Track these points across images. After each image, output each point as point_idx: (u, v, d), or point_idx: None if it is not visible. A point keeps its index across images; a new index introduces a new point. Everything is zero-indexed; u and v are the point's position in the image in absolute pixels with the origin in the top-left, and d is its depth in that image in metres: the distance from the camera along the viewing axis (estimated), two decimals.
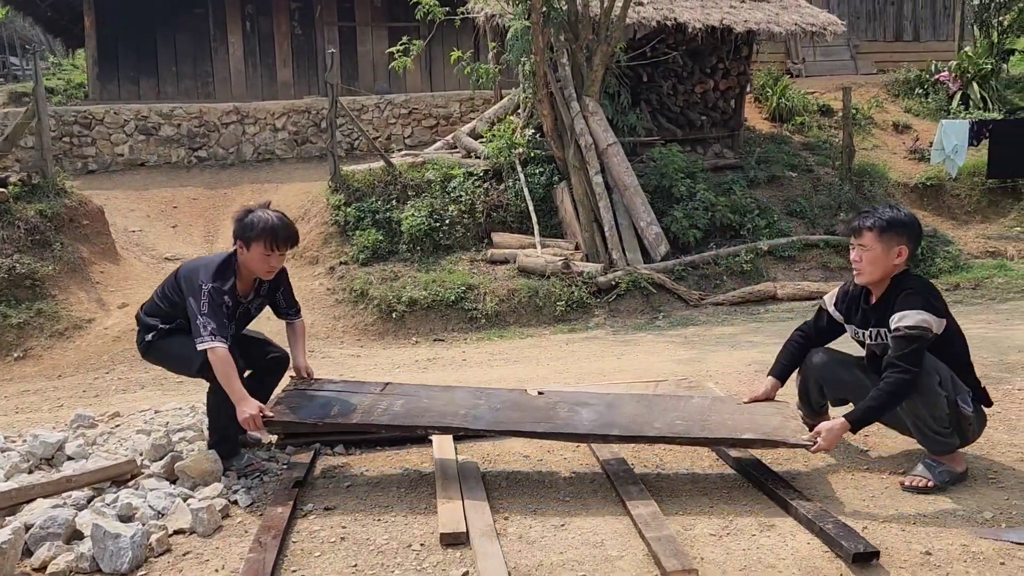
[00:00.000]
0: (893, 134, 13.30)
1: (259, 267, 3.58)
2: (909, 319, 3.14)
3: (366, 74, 16.59)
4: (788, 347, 3.72)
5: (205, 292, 3.44)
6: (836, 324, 3.60)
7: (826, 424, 3.19)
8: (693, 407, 3.56)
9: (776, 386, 3.66)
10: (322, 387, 3.74)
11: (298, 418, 3.43)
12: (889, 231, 3.22)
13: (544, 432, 3.33)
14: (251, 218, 3.53)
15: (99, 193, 10.71)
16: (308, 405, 3.53)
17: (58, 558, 2.82)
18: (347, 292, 8.54)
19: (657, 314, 8.40)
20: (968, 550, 2.74)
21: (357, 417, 3.40)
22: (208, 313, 3.42)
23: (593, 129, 9.74)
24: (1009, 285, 8.63)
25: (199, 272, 3.54)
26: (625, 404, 3.56)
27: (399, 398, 3.58)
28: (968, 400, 3.25)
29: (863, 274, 3.33)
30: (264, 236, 3.48)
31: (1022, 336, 5.74)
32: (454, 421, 3.37)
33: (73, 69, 20.00)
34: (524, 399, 3.59)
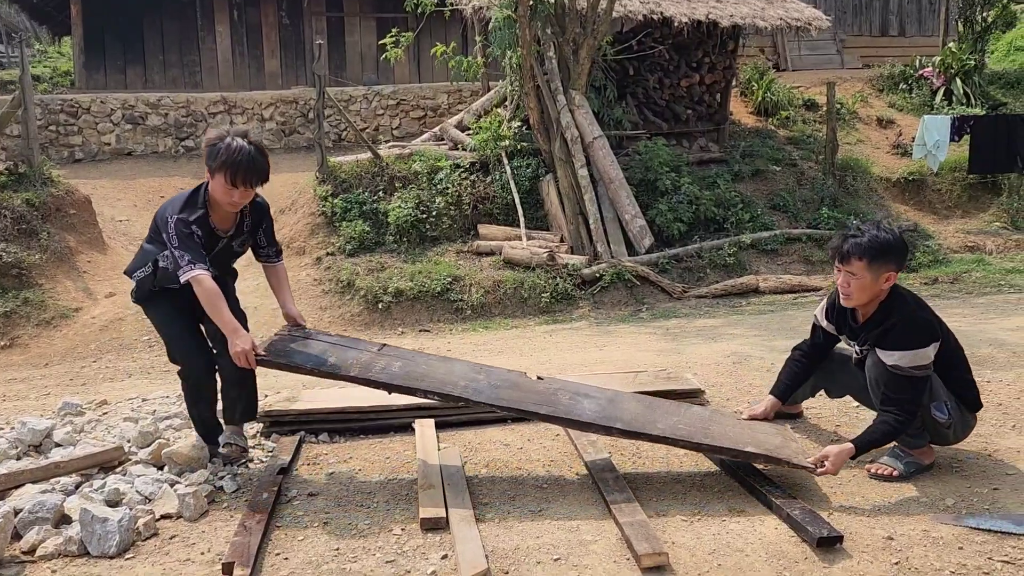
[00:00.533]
0: (877, 129, 13.43)
1: (222, 199, 3.34)
2: (906, 360, 3.14)
3: (354, 65, 16.60)
4: (789, 367, 3.72)
5: (171, 225, 3.30)
6: (831, 335, 3.61)
7: (833, 448, 3.17)
8: (694, 414, 3.55)
9: (776, 405, 3.66)
10: (316, 337, 3.60)
11: (293, 362, 3.32)
12: (879, 259, 3.16)
13: (545, 415, 3.29)
14: (218, 145, 3.27)
15: (86, 182, 10.71)
16: (303, 351, 3.41)
17: (47, 541, 2.89)
18: (334, 283, 8.60)
19: (640, 306, 8.50)
20: (928, 535, 2.85)
21: (355, 371, 3.28)
22: (179, 245, 3.28)
23: (579, 122, 9.82)
24: (986, 279, 8.77)
25: (167, 207, 3.40)
26: (626, 401, 3.55)
27: (397, 360, 3.48)
28: (943, 408, 3.28)
29: (851, 299, 3.28)
30: (225, 168, 3.24)
31: (994, 330, 5.87)
32: (454, 390, 3.29)
33: (59, 57, 19.89)
34: (524, 381, 3.54)
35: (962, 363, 3.42)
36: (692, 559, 2.74)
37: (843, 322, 3.50)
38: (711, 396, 4.50)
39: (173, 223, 3.29)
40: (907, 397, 3.17)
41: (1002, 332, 5.81)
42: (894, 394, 3.18)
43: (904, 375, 3.16)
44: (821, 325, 3.61)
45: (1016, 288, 8.31)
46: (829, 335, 3.60)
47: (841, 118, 12.85)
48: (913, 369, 3.16)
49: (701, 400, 4.42)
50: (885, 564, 2.67)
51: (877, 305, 3.30)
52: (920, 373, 3.17)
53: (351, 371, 3.28)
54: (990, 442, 3.68)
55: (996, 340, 5.52)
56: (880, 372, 3.24)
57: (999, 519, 2.93)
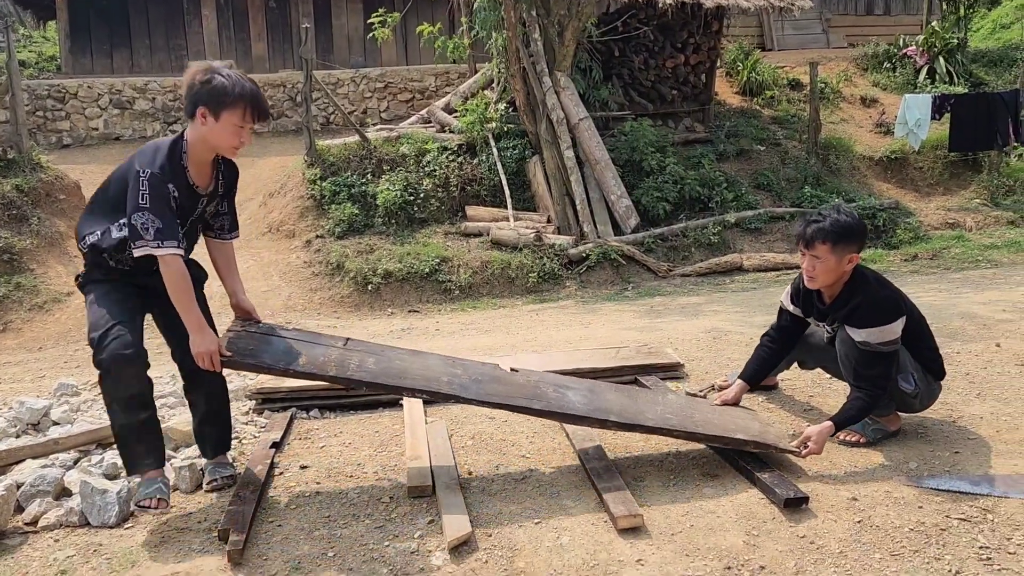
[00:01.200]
0: (861, 108, 13.55)
1: (227, 142, 2.91)
2: (875, 337, 3.26)
3: (341, 48, 16.60)
4: (758, 352, 3.79)
5: (144, 179, 2.76)
6: (798, 319, 3.71)
7: (814, 429, 3.25)
8: (673, 402, 3.55)
9: (744, 389, 3.73)
10: (274, 331, 3.26)
11: (263, 362, 3.00)
12: (841, 241, 3.27)
13: (540, 410, 3.17)
14: (221, 80, 2.83)
15: (74, 167, 10.76)
16: (269, 349, 3.09)
17: (48, 513, 3.01)
18: (323, 265, 8.70)
19: (626, 285, 8.63)
20: (890, 496, 3.00)
21: (332, 370, 3.04)
22: (149, 207, 2.74)
23: (565, 104, 9.91)
24: (965, 255, 8.94)
25: (137, 159, 2.86)
26: (606, 391, 3.50)
27: (368, 355, 3.26)
28: (910, 379, 3.43)
29: (816, 281, 3.38)
30: (243, 101, 2.84)
31: (967, 304, 6.02)
32: (441, 387, 3.12)
33: (44, 41, 19.79)
34: (501, 374, 3.42)
35: (926, 334, 3.55)
36: (666, 520, 2.89)
37: (810, 305, 3.60)
38: (690, 370, 4.65)
39: (146, 178, 2.76)
40: (877, 372, 3.31)
41: (974, 305, 5.97)
42: (865, 370, 3.32)
43: (873, 351, 3.29)
44: (788, 309, 3.71)
45: (993, 263, 8.48)
46: (796, 318, 3.69)
47: (825, 97, 12.97)
48: (881, 345, 3.29)
49: (680, 373, 4.58)
50: (848, 523, 2.82)
51: (842, 286, 3.41)
52: (888, 349, 3.30)
53: (328, 370, 3.03)
54: (955, 409, 3.84)
55: (968, 313, 5.68)
56: (850, 349, 3.37)
57: (957, 480, 3.09)
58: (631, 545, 2.73)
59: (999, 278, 7.53)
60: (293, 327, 3.94)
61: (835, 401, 3.96)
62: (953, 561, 2.58)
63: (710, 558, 2.64)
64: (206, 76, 2.85)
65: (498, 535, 2.82)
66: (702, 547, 2.71)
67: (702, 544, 2.73)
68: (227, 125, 2.86)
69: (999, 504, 2.91)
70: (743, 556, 2.65)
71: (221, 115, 2.85)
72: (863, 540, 2.71)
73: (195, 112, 2.87)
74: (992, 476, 3.11)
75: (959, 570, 2.53)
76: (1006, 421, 3.67)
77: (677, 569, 2.59)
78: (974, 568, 2.54)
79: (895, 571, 2.53)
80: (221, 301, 3.50)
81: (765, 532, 2.79)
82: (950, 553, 2.62)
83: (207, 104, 2.84)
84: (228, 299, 3.31)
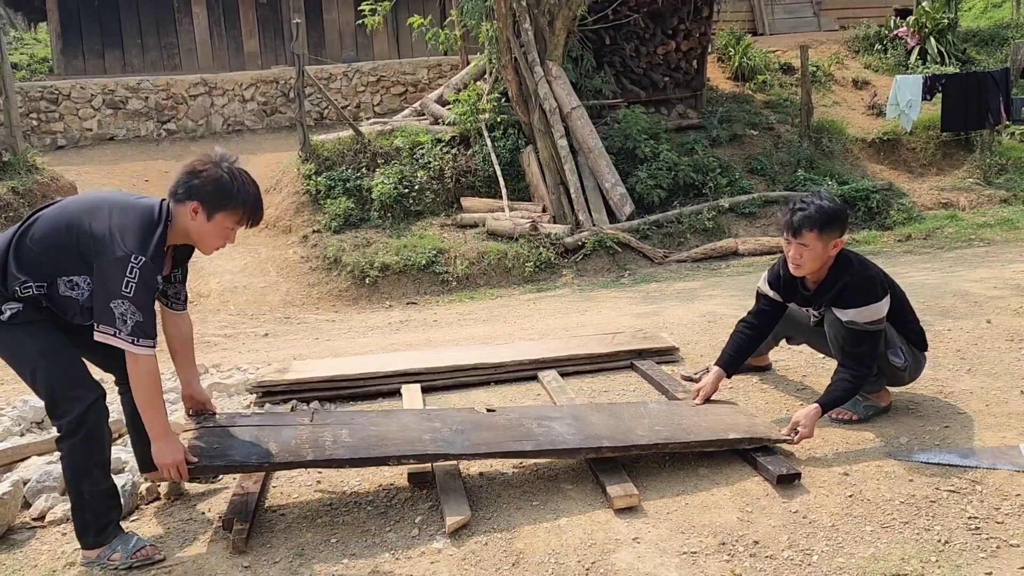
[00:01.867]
0: (852, 90, 13.56)
1: (211, 242, 2.73)
2: (862, 316, 3.30)
3: (333, 43, 16.58)
4: (734, 339, 3.75)
5: (135, 267, 2.50)
6: (777, 303, 3.69)
7: (801, 414, 3.25)
8: (657, 411, 3.49)
9: (721, 375, 3.67)
10: (234, 421, 3.10)
11: (234, 461, 2.80)
12: (827, 228, 3.28)
13: (533, 450, 3.05)
14: (224, 179, 2.66)
15: (70, 168, 10.78)
16: (235, 444, 2.91)
17: (55, 508, 3.07)
18: (320, 260, 8.74)
19: (622, 272, 8.68)
20: (881, 470, 3.06)
21: (309, 454, 2.86)
22: (133, 297, 2.49)
23: (557, 93, 9.92)
24: (958, 235, 8.98)
25: (125, 233, 2.54)
26: (589, 414, 3.41)
27: (340, 427, 3.10)
28: (899, 352, 3.49)
29: (803, 268, 3.38)
30: (243, 207, 2.69)
31: (959, 283, 6.07)
32: (427, 448, 2.97)
33: (35, 43, 19.75)
34: (480, 417, 3.31)
35: (908, 309, 3.61)
36: (661, 499, 2.95)
37: (792, 291, 3.61)
38: (685, 353, 4.71)
39: (138, 266, 2.50)
40: (863, 351, 3.35)
41: (966, 283, 6.02)
42: (852, 348, 3.36)
43: (860, 330, 3.34)
44: (767, 294, 3.70)
45: (986, 242, 8.53)
46: (776, 303, 3.69)
47: (817, 80, 12.99)
48: (868, 324, 3.33)
49: (676, 357, 4.63)
50: (840, 497, 2.88)
51: (827, 271, 3.43)
52: (874, 328, 3.34)
53: (305, 455, 2.85)
54: (946, 385, 3.90)
55: (960, 291, 5.73)
56: (838, 329, 3.41)
57: (947, 453, 3.15)
58: (627, 524, 2.79)
59: (991, 256, 7.58)
60: (254, 412, 3.47)
61: (825, 379, 3.99)
62: (943, 531, 2.64)
63: (705, 534, 2.70)
64: (208, 171, 2.66)
65: (497, 518, 2.88)
66: (697, 524, 2.77)
67: (697, 521, 2.79)
68: (218, 227, 2.69)
69: (988, 475, 2.96)
70: (737, 532, 2.70)
71: (215, 216, 2.66)
72: (855, 513, 2.77)
73: (185, 202, 2.65)
74: (981, 448, 3.17)
75: (948, 540, 2.59)
76: (995, 395, 3.72)
77: (673, 546, 2.65)
78: (963, 537, 2.60)
79: (886, 542, 2.59)
80: (220, 298, 3.53)
81: (759, 508, 2.85)
82: (940, 524, 2.68)
83: (203, 201, 2.64)
84: (182, 386, 3.07)
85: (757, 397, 3.95)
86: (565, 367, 4.48)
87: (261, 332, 6.83)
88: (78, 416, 2.60)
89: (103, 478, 2.68)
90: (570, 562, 2.59)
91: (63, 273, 2.61)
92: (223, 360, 5.43)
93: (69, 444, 2.63)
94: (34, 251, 2.60)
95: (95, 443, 2.65)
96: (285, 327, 7.14)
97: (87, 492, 2.65)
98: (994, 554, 2.50)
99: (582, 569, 2.54)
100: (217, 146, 2.82)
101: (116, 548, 2.68)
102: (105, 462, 2.70)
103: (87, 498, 2.65)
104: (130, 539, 2.71)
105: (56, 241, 2.59)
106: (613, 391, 4.18)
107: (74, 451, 2.63)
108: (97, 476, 2.65)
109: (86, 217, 2.60)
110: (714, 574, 2.48)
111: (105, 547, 2.68)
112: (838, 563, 2.50)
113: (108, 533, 2.70)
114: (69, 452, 2.64)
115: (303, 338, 6.49)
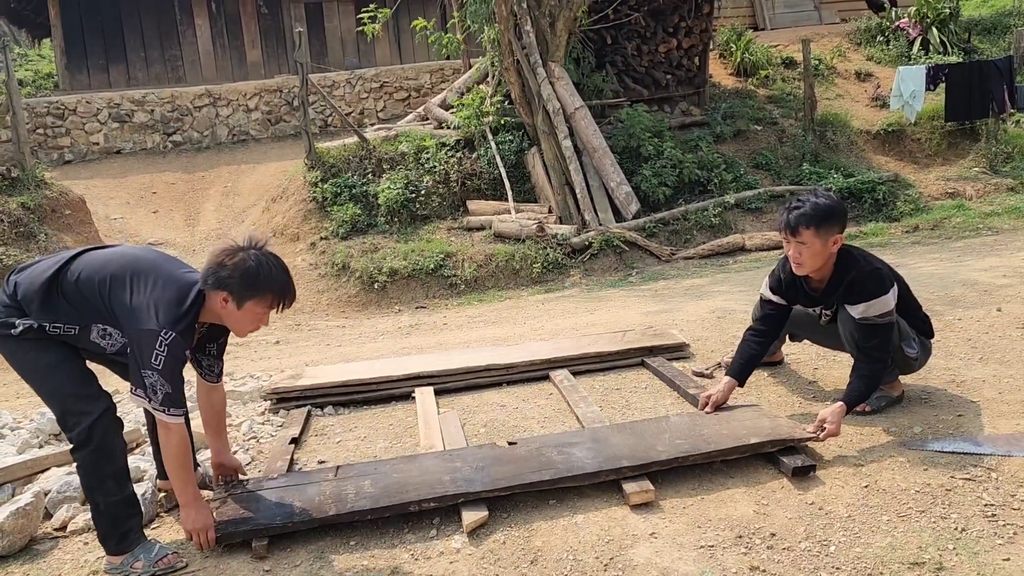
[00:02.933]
0: (855, 83, 13.55)
1: (244, 328, 2.78)
2: (873, 310, 3.30)
3: (335, 50, 16.65)
4: (744, 348, 3.70)
5: (164, 342, 2.57)
6: (782, 307, 3.67)
7: (827, 411, 3.22)
8: (678, 424, 3.43)
9: (733, 385, 3.61)
10: (260, 484, 3.12)
11: (259, 524, 2.81)
12: (824, 224, 3.27)
13: (552, 479, 3.00)
14: (251, 266, 2.66)
15: (78, 182, 10.85)
16: (260, 508, 2.92)
17: (76, 517, 3.10)
18: (329, 266, 8.78)
19: (630, 271, 8.69)
20: (896, 460, 3.07)
21: (332, 508, 2.87)
22: (162, 370, 2.58)
23: (560, 94, 9.95)
24: (965, 224, 8.97)
25: (160, 307, 2.61)
26: (609, 435, 3.36)
27: (363, 478, 3.10)
28: (912, 343, 3.52)
29: (804, 267, 3.37)
30: (272, 293, 2.71)
31: (968, 272, 6.07)
32: (447, 489, 2.95)
33: (40, 59, 19.89)
34: (500, 452, 3.27)
35: (913, 299, 3.62)
36: (677, 495, 2.96)
37: (797, 293, 3.59)
38: (696, 349, 4.72)
39: (168, 339, 2.57)
40: (878, 344, 3.35)
41: (975, 272, 6.01)
42: (866, 343, 3.36)
43: (871, 324, 3.34)
44: (771, 299, 3.68)
45: (994, 231, 8.51)
46: (780, 307, 3.67)
47: (819, 74, 12.98)
48: (878, 317, 3.33)
49: (686, 353, 4.64)
50: (855, 488, 2.89)
51: (831, 270, 3.42)
52: (885, 320, 3.35)
53: (328, 510, 2.87)
54: (958, 374, 3.90)
55: (969, 280, 5.72)
56: (851, 327, 3.40)
57: (961, 441, 3.15)
58: (644, 519, 2.80)
59: (1000, 245, 7.57)
60: (280, 474, 3.29)
61: (839, 373, 4.02)
62: (959, 519, 2.64)
63: (721, 528, 2.72)
64: (236, 260, 2.67)
65: (515, 517, 2.90)
66: (713, 518, 2.78)
67: (713, 515, 2.80)
68: (249, 314, 2.72)
69: (1003, 463, 2.97)
70: (754, 524, 2.72)
71: (245, 304, 2.69)
72: (870, 503, 2.78)
73: (216, 291, 2.67)
74: (995, 436, 3.18)
75: (965, 527, 2.60)
76: (1008, 383, 3.73)
77: (690, 540, 2.66)
78: (979, 525, 2.60)
79: (903, 532, 2.60)
80: None
81: (774, 501, 2.86)
82: (956, 512, 2.69)
83: (231, 291, 2.66)
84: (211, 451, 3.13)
85: (770, 392, 3.96)
86: (576, 366, 4.50)
87: (272, 340, 6.87)
88: (86, 429, 2.67)
89: (117, 488, 2.72)
90: (588, 558, 2.60)
91: (100, 321, 2.71)
92: (236, 368, 5.46)
93: (81, 456, 2.70)
94: (72, 295, 2.68)
95: (106, 454, 2.70)
96: (296, 334, 7.18)
97: (102, 502, 2.71)
98: (1011, 540, 2.51)
99: (600, 565, 2.56)
100: (251, 232, 2.82)
101: (139, 556, 2.71)
102: (119, 472, 2.73)
103: (102, 508, 2.71)
104: (153, 547, 2.74)
105: (96, 291, 2.67)
106: (625, 389, 4.20)
107: (86, 462, 2.70)
108: (111, 487, 2.70)
109: (130, 280, 2.68)
110: (732, 567, 2.49)
111: (128, 555, 2.71)
112: (855, 553, 2.51)
113: (130, 541, 2.73)
114: (82, 463, 2.71)
115: (314, 344, 6.52)
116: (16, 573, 2.79)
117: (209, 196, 11.87)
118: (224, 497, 3.01)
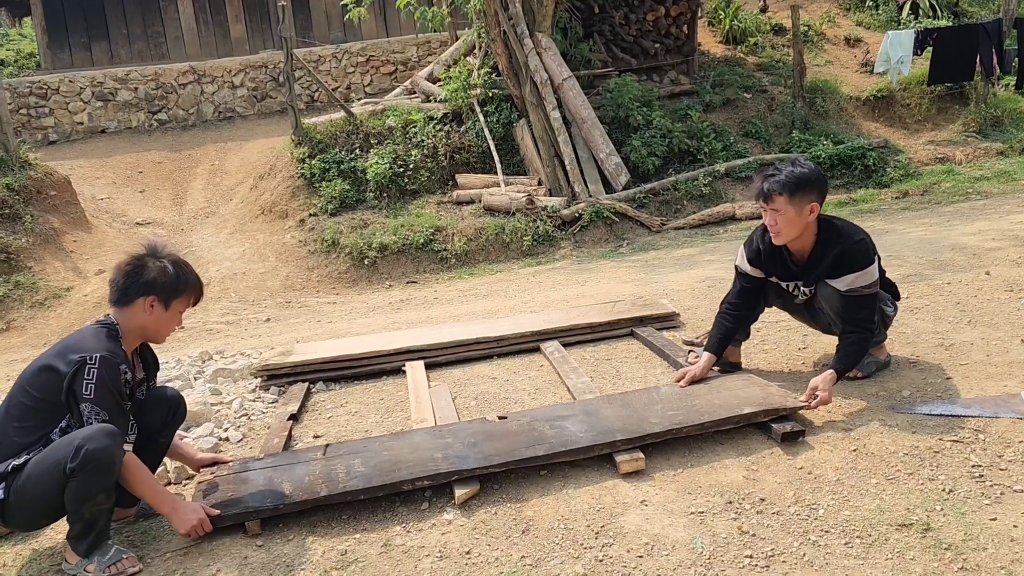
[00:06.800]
0: (845, 49, 13.49)
1: (168, 328, 2.84)
2: (860, 281, 3.30)
3: (320, 24, 16.45)
4: (720, 322, 3.67)
5: (96, 369, 2.52)
6: (758, 280, 3.61)
7: (818, 380, 3.20)
8: (668, 394, 3.41)
9: (712, 360, 3.59)
10: (246, 466, 3.09)
11: (250, 507, 2.77)
12: (799, 191, 3.24)
13: (546, 454, 2.96)
14: (174, 270, 2.77)
15: (63, 163, 10.76)
16: (248, 489, 2.89)
17: None
18: (319, 243, 8.74)
19: (620, 242, 8.68)
20: (885, 423, 3.08)
21: (323, 489, 2.83)
22: (93, 398, 2.50)
23: (547, 65, 9.87)
24: (955, 189, 8.97)
25: (79, 345, 2.59)
26: (601, 407, 3.33)
27: (352, 456, 3.07)
28: (889, 302, 3.57)
29: (781, 236, 3.34)
30: (191, 289, 2.83)
31: (957, 236, 6.08)
32: (440, 467, 2.91)
33: (20, 39, 19.60)
34: (492, 427, 3.24)
35: (882, 267, 3.58)
36: (667, 462, 2.97)
37: (774, 265, 3.54)
38: (686, 318, 4.72)
39: (101, 368, 2.52)
40: (865, 315, 3.35)
41: (964, 237, 6.02)
42: (854, 315, 3.35)
43: (858, 295, 3.34)
44: (747, 272, 3.62)
45: (983, 195, 8.52)
46: (756, 279, 3.62)
47: (809, 40, 12.92)
48: (865, 288, 3.33)
49: (676, 323, 4.65)
50: (844, 451, 2.91)
51: (813, 241, 3.40)
52: (871, 291, 3.35)
53: (319, 490, 2.82)
54: (946, 338, 3.91)
55: (958, 244, 5.74)
56: (837, 300, 3.39)
57: (949, 404, 3.17)
58: (635, 488, 2.82)
59: (989, 209, 7.58)
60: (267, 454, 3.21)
61: (828, 339, 4.01)
62: (947, 481, 2.66)
63: (712, 494, 2.73)
64: (144, 267, 2.73)
65: (506, 489, 2.90)
66: (703, 485, 2.79)
67: (703, 482, 2.81)
68: (174, 313, 2.81)
69: (990, 424, 2.99)
70: (744, 490, 2.73)
71: (172, 304, 2.77)
72: (859, 467, 2.80)
73: (136, 300, 2.71)
74: (983, 398, 3.19)
75: (953, 488, 2.61)
76: (996, 345, 3.74)
77: (680, 507, 2.67)
78: (967, 486, 2.62)
79: (891, 494, 2.62)
80: (220, 286, 3.54)
81: (764, 466, 2.88)
82: (944, 473, 2.71)
83: (158, 294, 2.73)
84: None
85: (759, 358, 3.97)
86: (567, 337, 4.50)
87: (263, 317, 6.85)
88: (83, 460, 2.47)
89: (106, 500, 2.57)
90: (579, 527, 2.61)
91: (53, 425, 2.59)
92: (227, 346, 5.45)
93: (80, 475, 2.49)
94: (12, 428, 2.60)
95: (100, 476, 2.51)
96: (286, 311, 7.16)
97: (89, 512, 2.55)
98: (998, 500, 2.53)
99: (591, 533, 2.57)
100: (152, 236, 2.87)
101: (94, 557, 2.58)
102: (111, 486, 2.56)
103: (86, 516, 2.55)
104: (108, 550, 2.59)
105: (26, 409, 2.59)
106: (615, 359, 4.21)
107: (84, 486, 2.50)
108: (100, 500, 2.55)
109: (34, 371, 2.63)
110: (721, 532, 2.51)
111: (85, 558, 2.59)
112: (844, 516, 2.52)
113: (99, 546, 2.59)
114: (81, 480, 2.50)
115: (305, 321, 6.51)
116: (9, 553, 2.79)
117: (196, 175, 11.78)
118: (211, 481, 2.97)
